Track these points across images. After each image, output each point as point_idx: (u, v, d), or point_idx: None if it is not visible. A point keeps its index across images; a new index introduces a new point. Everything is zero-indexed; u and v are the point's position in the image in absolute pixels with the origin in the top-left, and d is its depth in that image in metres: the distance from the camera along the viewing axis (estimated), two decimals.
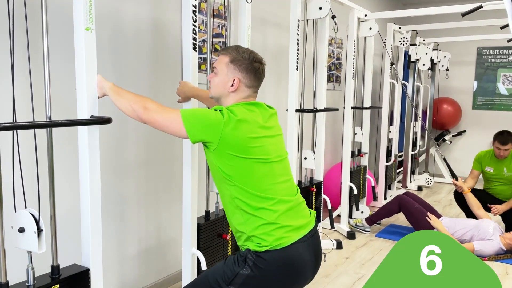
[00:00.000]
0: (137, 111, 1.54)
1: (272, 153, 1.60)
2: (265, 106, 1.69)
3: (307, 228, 1.60)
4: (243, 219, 1.55)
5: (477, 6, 3.35)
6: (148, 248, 2.72)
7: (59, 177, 2.12)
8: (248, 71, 1.64)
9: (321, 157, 3.48)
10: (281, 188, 1.60)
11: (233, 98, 1.66)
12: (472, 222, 3.61)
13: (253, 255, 1.51)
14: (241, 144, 1.52)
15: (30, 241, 1.46)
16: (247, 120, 1.54)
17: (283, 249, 1.50)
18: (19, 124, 1.32)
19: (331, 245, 3.60)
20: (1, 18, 1.79)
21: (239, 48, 1.68)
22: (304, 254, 1.55)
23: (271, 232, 1.51)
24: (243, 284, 1.51)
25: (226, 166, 1.53)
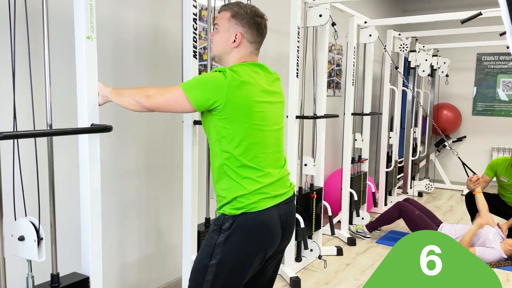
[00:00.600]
0: (141, 102, 1.54)
1: (269, 120, 1.61)
2: (269, 70, 1.68)
3: (283, 196, 1.64)
4: (228, 185, 1.57)
5: (477, 13, 3.37)
6: (148, 255, 2.71)
7: (59, 184, 2.12)
8: (250, 26, 1.62)
9: (321, 163, 3.48)
10: (270, 158, 1.61)
11: (236, 55, 1.64)
12: None
13: (228, 220, 1.55)
14: (247, 106, 1.52)
15: (30, 250, 1.45)
16: (251, 83, 1.54)
17: (257, 212, 1.55)
18: (20, 133, 1.33)
19: (331, 251, 3.59)
20: (3, 26, 1.80)
21: (240, 3, 1.66)
22: (275, 219, 1.59)
23: (250, 197, 1.55)
24: (223, 252, 1.53)
25: (226, 130, 1.53)
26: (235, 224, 1.54)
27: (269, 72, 1.68)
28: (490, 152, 6.49)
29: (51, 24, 2.02)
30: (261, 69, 1.64)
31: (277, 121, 1.66)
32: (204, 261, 1.55)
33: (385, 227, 4.26)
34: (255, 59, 1.69)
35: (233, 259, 1.54)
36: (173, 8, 2.72)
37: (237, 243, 1.54)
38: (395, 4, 6.89)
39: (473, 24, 4.30)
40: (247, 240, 1.54)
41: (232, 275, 1.55)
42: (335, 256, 3.58)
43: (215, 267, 1.53)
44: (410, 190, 5.82)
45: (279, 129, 1.68)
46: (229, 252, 1.54)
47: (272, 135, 1.62)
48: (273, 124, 1.63)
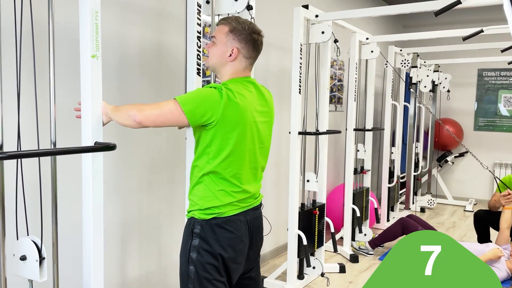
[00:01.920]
0: (133, 116, 1.52)
1: (256, 139, 1.67)
2: (259, 87, 1.72)
3: (251, 205, 1.72)
4: (203, 194, 1.62)
5: (478, 31, 3.39)
6: (150, 272, 2.69)
7: (61, 202, 2.11)
8: (247, 42, 1.65)
9: (323, 179, 3.47)
10: (249, 174, 1.68)
11: (231, 68, 1.67)
12: (477, 246, 3.57)
13: (198, 223, 1.62)
14: (238, 125, 1.57)
15: (32, 270, 1.44)
16: (244, 104, 1.58)
17: (225, 217, 1.62)
18: (24, 152, 1.32)
19: (334, 269, 3.55)
20: (9, 44, 1.81)
21: (239, 18, 1.69)
22: (241, 223, 1.66)
23: (221, 208, 1.62)
24: (197, 256, 1.59)
25: (214, 145, 1.58)
26: (205, 226, 1.61)
27: (260, 90, 1.72)
28: (493, 168, 6.47)
29: (56, 43, 2.03)
30: (254, 86, 1.69)
31: (262, 140, 1.72)
32: (184, 268, 1.62)
33: (388, 244, 4.22)
34: (248, 74, 1.74)
35: (209, 259, 1.59)
36: (177, 25, 2.74)
37: (208, 243, 1.60)
38: (396, 20, 6.95)
39: (474, 40, 4.32)
40: (218, 238, 1.60)
41: (213, 276, 1.59)
42: (338, 273, 3.54)
43: (193, 272, 1.60)
44: (413, 206, 5.79)
45: (263, 147, 1.74)
46: (203, 254, 1.59)
47: (255, 153, 1.69)
48: (259, 143, 1.70)
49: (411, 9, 2.95)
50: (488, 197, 6.57)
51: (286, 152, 3.69)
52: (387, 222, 5.01)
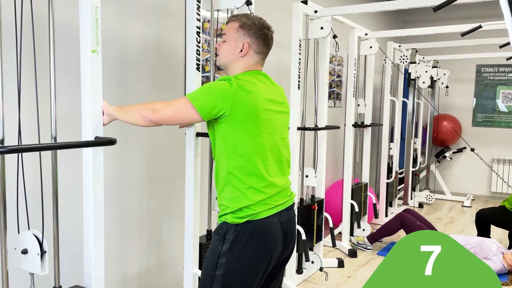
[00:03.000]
0: (148, 116, 1.56)
1: (275, 129, 1.62)
2: (272, 80, 1.71)
3: (284, 205, 1.66)
4: (232, 195, 1.58)
5: (476, 26, 3.39)
6: (149, 267, 2.70)
7: (62, 196, 2.11)
8: (257, 37, 1.66)
9: (322, 174, 3.48)
10: (275, 166, 1.63)
11: (242, 64, 1.66)
12: (475, 239, 3.60)
13: (231, 228, 1.56)
14: (252, 112, 1.54)
15: (33, 263, 1.45)
16: (256, 91, 1.56)
17: (260, 220, 1.56)
18: (26, 146, 1.33)
19: (332, 263, 3.58)
20: (10, 40, 1.81)
21: (248, 15, 1.70)
22: (277, 226, 1.61)
23: (254, 207, 1.56)
24: (227, 262, 1.53)
25: (232, 136, 1.55)
26: (239, 231, 1.55)
27: (273, 82, 1.71)
28: (491, 164, 6.49)
29: (56, 38, 2.03)
30: (266, 78, 1.68)
31: (282, 131, 1.68)
32: (210, 272, 1.56)
33: (386, 239, 4.24)
34: (260, 69, 1.72)
35: (239, 267, 1.54)
36: (176, 21, 2.74)
37: (241, 250, 1.54)
38: (395, 16, 6.94)
39: (473, 36, 4.33)
40: (252, 246, 1.55)
41: (239, 284, 1.54)
42: (336, 268, 3.56)
43: (221, 277, 1.53)
44: (411, 201, 5.81)
45: (284, 138, 1.69)
46: (234, 261, 1.53)
47: (277, 144, 1.64)
48: (279, 133, 1.65)
49: (410, 4, 2.96)
50: (486, 192, 6.60)
51: None
52: (385, 218, 5.03)
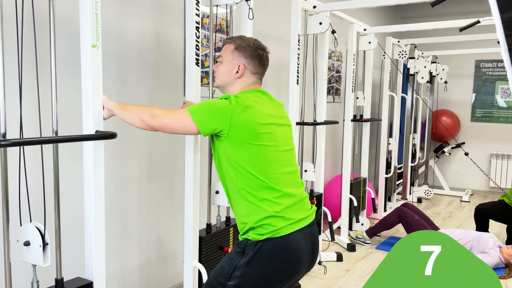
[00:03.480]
0: (146, 120, 1.58)
1: (279, 141, 1.62)
2: (271, 96, 1.72)
3: (306, 220, 1.62)
4: (247, 210, 1.56)
5: (475, 22, 3.40)
6: (150, 261, 2.73)
7: (63, 190, 2.14)
8: (252, 57, 1.69)
9: (321, 169, 3.51)
10: (287, 178, 1.61)
11: (239, 85, 1.69)
12: (473, 233, 3.63)
13: (252, 244, 1.53)
14: (251, 128, 1.54)
15: (36, 255, 1.47)
16: (254, 107, 1.57)
17: (282, 237, 1.52)
18: (28, 140, 1.35)
19: (331, 257, 3.61)
20: (10, 35, 1.83)
21: (243, 37, 1.74)
22: (301, 243, 1.57)
23: (274, 223, 1.53)
24: (242, 275, 1.52)
25: (235, 153, 1.54)
26: (259, 248, 1.52)
27: (272, 98, 1.72)
28: (489, 159, 6.52)
29: (57, 33, 2.05)
30: (264, 95, 1.69)
31: (287, 142, 1.67)
32: (222, 280, 1.55)
33: (385, 233, 4.28)
34: (258, 88, 1.74)
35: (252, 283, 1.53)
36: (176, 16, 2.76)
37: (259, 268, 1.52)
38: (394, 11, 6.95)
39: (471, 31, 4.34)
40: (271, 266, 1.52)
41: None
42: (335, 262, 3.59)
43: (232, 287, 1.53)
44: (410, 196, 5.84)
45: (291, 150, 1.69)
46: (249, 276, 1.52)
47: (284, 155, 1.63)
48: (284, 145, 1.64)
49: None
50: (484, 187, 6.63)
51: None
52: (384, 212, 5.06)
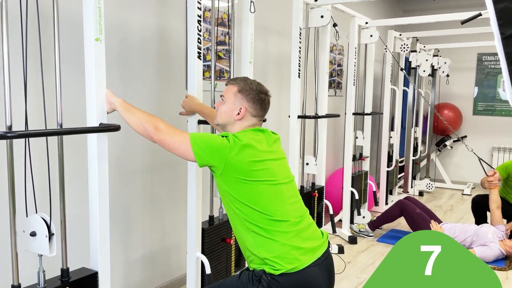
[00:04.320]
0: (148, 131, 1.61)
1: (278, 174, 1.64)
2: (269, 132, 1.75)
3: (320, 250, 1.61)
4: (255, 241, 1.57)
5: (476, 14, 3.39)
6: (153, 252, 2.76)
7: (68, 182, 2.17)
8: (254, 101, 1.72)
9: (322, 162, 3.53)
10: (291, 209, 1.62)
11: (239, 126, 1.72)
12: (472, 227, 3.65)
13: (268, 277, 1.52)
14: (245, 168, 1.56)
15: (42, 245, 1.50)
16: (251, 145, 1.59)
17: (298, 272, 1.52)
18: (33, 132, 1.38)
19: (333, 250, 3.64)
20: (15, 29, 1.85)
21: (247, 79, 1.77)
22: (318, 277, 1.56)
23: (285, 255, 1.52)
24: None
25: (234, 190, 1.57)
26: (276, 285, 1.51)
27: (269, 134, 1.74)
28: (491, 152, 6.53)
29: (61, 27, 2.07)
30: (262, 132, 1.71)
31: (286, 175, 1.68)
32: None
33: (386, 226, 4.30)
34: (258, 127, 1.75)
35: None
36: (177, 9, 2.77)
37: None
38: (396, 4, 6.93)
39: (473, 24, 4.32)
40: None
41: None
42: (337, 254, 3.62)
43: None
44: (411, 190, 5.86)
45: (291, 181, 1.70)
46: None
47: (286, 187, 1.65)
48: (283, 178, 1.66)
49: None
50: None
51: (286, 135, 3.73)
52: (385, 205, 5.08)
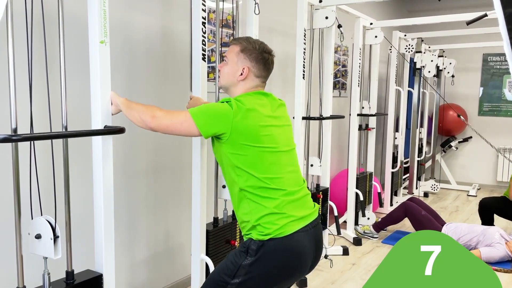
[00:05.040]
0: (146, 121, 1.59)
1: (280, 142, 1.63)
2: (273, 97, 1.73)
3: (310, 218, 1.63)
4: (249, 208, 1.58)
5: (482, 15, 3.38)
6: (157, 254, 2.76)
7: (73, 184, 2.17)
8: (257, 61, 1.69)
9: (327, 164, 3.52)
10: (288, 178, 1.62)
11: (242, 87, 1.69)
12: (478, 228, 3.63)
13: (255, 244, 1.54)
14: (252, 132, 1.55)
15: (47, 247, 1.50)
16: (255, 109, 1.58)
17: (285, 237, 1.53)
18: (38, 134, 1.38)
19: (337, 251, 3.62)
20: (20, 31, 1.85)
21: (249, 38, 1.73)
22: (305, 243, 1.58)
23: (276, 221, 1.54)
24: (247, 274, 1.53)
25: (236, 156, 1.56)
26: (263, 250, 1.53)
27: (273, 98, 1.72)
28: (496, 153, 6.49)
29: (66, 30, 2.07)
30: (265, 96, 1.69)
31: (287, 143, 1.68)
32: (225, 278, 1.56)
33: (391, 227, 4.28)
34: (261, 90, 1.74)
35: (256, 283, 1.54)
36: (182, 11, 2.77)
37: (263, 269, 1.53)
38: (401, 5, 6.90)
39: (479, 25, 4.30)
40: (275, 266, 1.53)
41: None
42: (341, 255, 3.61)
43: (235, 286, 1.54)
44: (416, 191, 5.83)
45: (291, 150, 1.70)
46: (254, 277, 1.53)
47: (285, 156, 1.65)
48: (284, 146, 1.66)
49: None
50: (491, 182, 6.61)
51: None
52: (390, 207, 5.06)
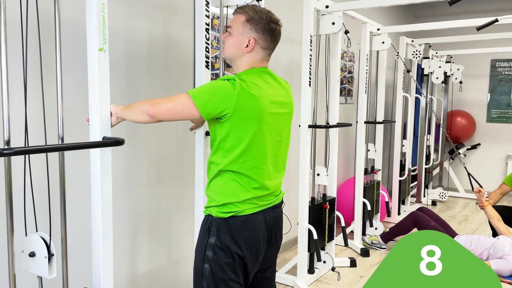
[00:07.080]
0: (146, 110, 1.52)
1: (273, 132, 1.61)
2: (277, 78, 1.67)
3: (271, 204, 1.67)
4: (220, 189, 1.59)
5: (493, 20, 3.30)
6: (160, 266, 2.68)
7: (69, 198, 2.10)
8: (264, 32, 1.59)
9: (334, 173, 3.43)
10: (268, 170, 1.62)
11: (248, 59, 1.62)
12: (489, 240, 3.52)
13: (216, 221, 1.58)
14: (254, 116, 1.52)
15: (41, 266, 1.43)
16: (259, 94, 1.53)
17: (244, 215, 1.58)
18: (32, 148, 1.30)
19: (345, 263, 3.53)
20: (15, 38, 1.79)
21: (256, 7, 1.62)
22: (260, 218, 1.63)
23: (240, 205, 1.58)
24: (214, 253, 1.56)
25: (229, 137, 1.53)
26: (223, 225, 1.57)
27: (277, 80, 1.66)
28: (506, 160, 6.37)
29: (63, 37, 2.01)
30: (271, 77, 1.63)
31: (279, 133, 1.66)
32: (199, 266, 1.60)
33: (399, 238, 4.18)
34: (266, 65, 1.67)
35: (225, 259, 1.57)
36: (185, 17, 2.71)
37: (226, 242, 1.57)
38: (408, 10, 6.83)
39: (487, 30, 4.23)
40: (236, 238, 1.57)
41: (226, 275, 1.57)
42: (349, 267, 3.51)
43: (208, 271, 1.57)
44: (424, 199, 5.72)
45: (280, 140, 1.67)
46: (219, 253, 1.56)
47: (272, 147, 1.63)
48: (276, 136, 1.64)
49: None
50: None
51: (296, 145, 3.67)
52: (398, 216, 4.96)
